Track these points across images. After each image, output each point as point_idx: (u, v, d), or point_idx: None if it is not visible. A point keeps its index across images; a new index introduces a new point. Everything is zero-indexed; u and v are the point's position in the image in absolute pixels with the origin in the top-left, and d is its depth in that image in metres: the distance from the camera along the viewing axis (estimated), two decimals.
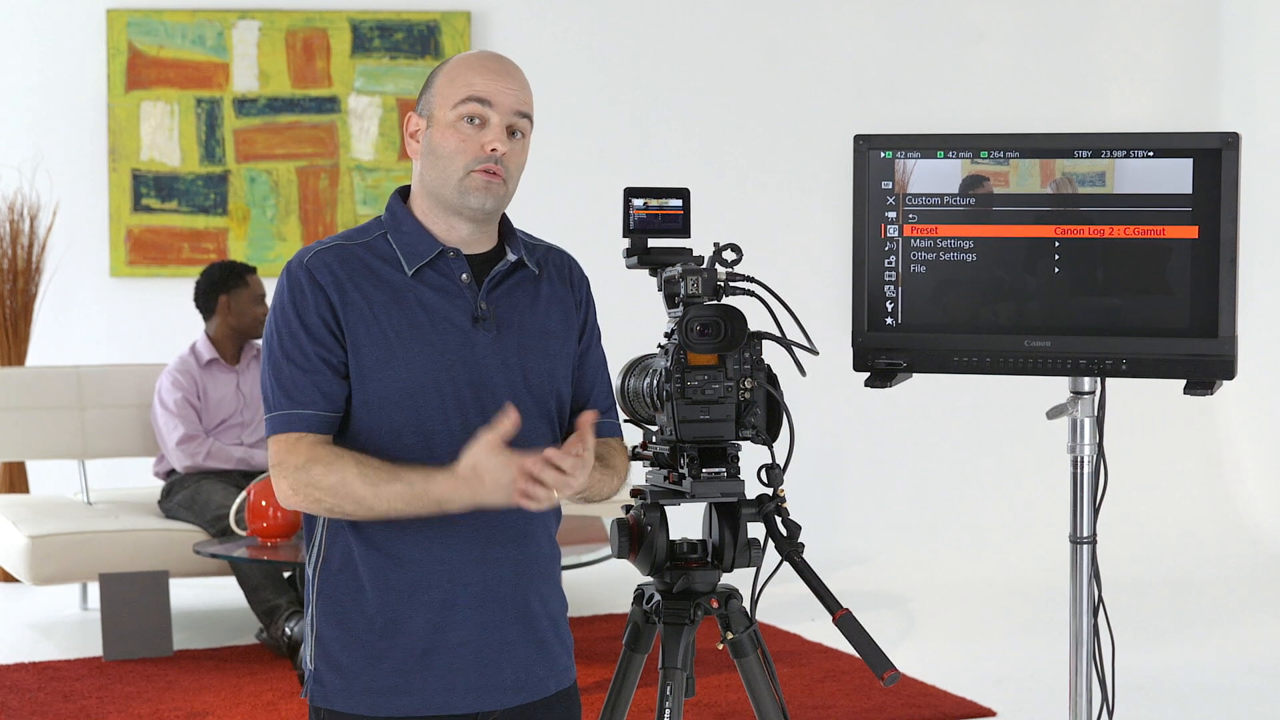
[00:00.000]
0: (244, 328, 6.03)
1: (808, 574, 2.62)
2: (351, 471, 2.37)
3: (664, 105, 7.72)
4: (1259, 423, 7.62)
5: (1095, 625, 2.97)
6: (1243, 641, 5.72)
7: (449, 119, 2.44)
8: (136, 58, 7.44)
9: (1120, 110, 7.78)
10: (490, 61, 2.47)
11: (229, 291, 6.01)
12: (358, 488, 2.36)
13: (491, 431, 2.32)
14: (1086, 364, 2.89)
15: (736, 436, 2.67)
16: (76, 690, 5.02)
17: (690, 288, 2.65)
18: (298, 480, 2.40)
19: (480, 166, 2.43)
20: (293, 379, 2.42)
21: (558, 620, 2.56)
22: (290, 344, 2.43)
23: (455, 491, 2.34)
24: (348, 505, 2.38)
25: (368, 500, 2.37)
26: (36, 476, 6.99)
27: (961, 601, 6.38)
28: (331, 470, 2.38)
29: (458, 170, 2.44)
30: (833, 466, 7.60)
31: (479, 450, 2.32)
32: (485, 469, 2.31)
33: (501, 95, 2.44)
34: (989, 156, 2.92)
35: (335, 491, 2.38)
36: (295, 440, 2.42)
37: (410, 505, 2.36)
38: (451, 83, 2.46)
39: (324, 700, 2.49)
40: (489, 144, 2.43)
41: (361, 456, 2.40)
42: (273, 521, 5.25)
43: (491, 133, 2.44)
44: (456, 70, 2.47)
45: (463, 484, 2.33)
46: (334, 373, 2.43)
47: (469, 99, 2.43)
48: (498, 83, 2.44)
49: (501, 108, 2.44)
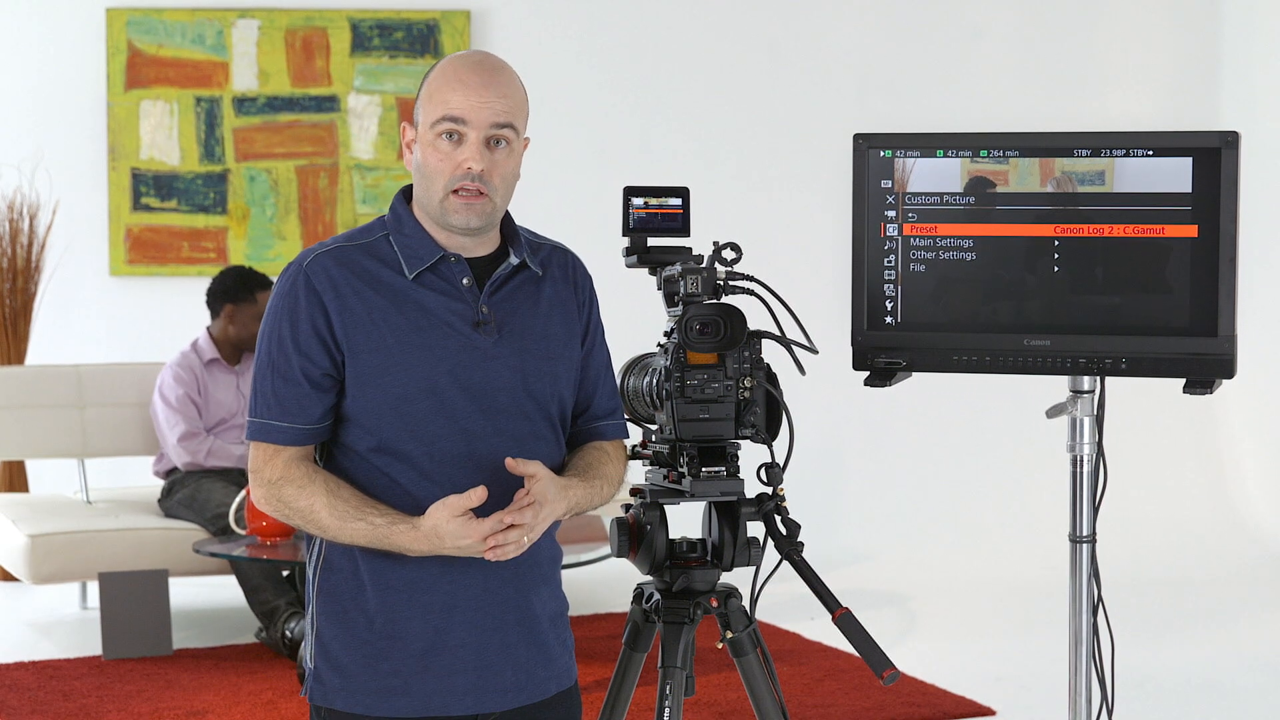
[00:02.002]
0: (241, 341, 6.03)
1: (807, 573, 2.62)
2: (320, 500, 2.41)
3: (664, 104, 7.72)
4: (1258, 422, 7.62)
5: (1095, 624, 2.97)
6: (1242, 640, 5.72)
7: (429, 137, 2.43)
8: (136, 56, 7.44)
9: (1120, 109, 7.78)
10: (469, 74, 2.43)
11: (236, 303, 6.01)
12: (324, 518, 2.41)
13: (459, 499, 2.34)
14: (1086, 363, 2.89)
15: (736, 435, 2.67)
16: (76, 689, 5.02)
17: (690, 287, 2.65)
18: (269, 494, 2.45)
19: (458, 186, 2.42)
20: (274, 389, 2.44)
21: (558, 621, 2.56)
22: (278, 353, 2.44)
23: (415, 544, 2.38)
24: (311, 529, 2.44)
25: (331, 531, 2.42)
26: (36, 475, 6.99)
27: (961, 600, 6.38)
28: (302, 494, 2.42)
29: (439, 190, 2.43)
30: (832, 465, 7.60)
31: (441, 514, 2.35)
32: (445, 532, 2.35)
33: (476, 111, 2.40)
34: (989, 155, 2.92)
35: (303, 515, 2.43)
36: (272, 453, 2.45)
37: (371, 543, 2.41)
38: (430, 99, 2.44)
39: (324, 699, 2.49)
40: (465, 162, 2.41)
41: (333, 484, 2.42)
42: (272, 520, 5.25)
43: (467, 150, 2.41)
44: (435, 85, 2.44)
45: (422, 539, 2.37)
46: (314, 387, 2.43)
47: (444, 118, 2.41)
48: (473, 97, 2.41)
49: (477, 123, 2.41)
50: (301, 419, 2.43)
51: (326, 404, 2.44)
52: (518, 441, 2.45)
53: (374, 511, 2.39)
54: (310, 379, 2.43)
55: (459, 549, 2.37)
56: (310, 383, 2.43)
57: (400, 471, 2.43)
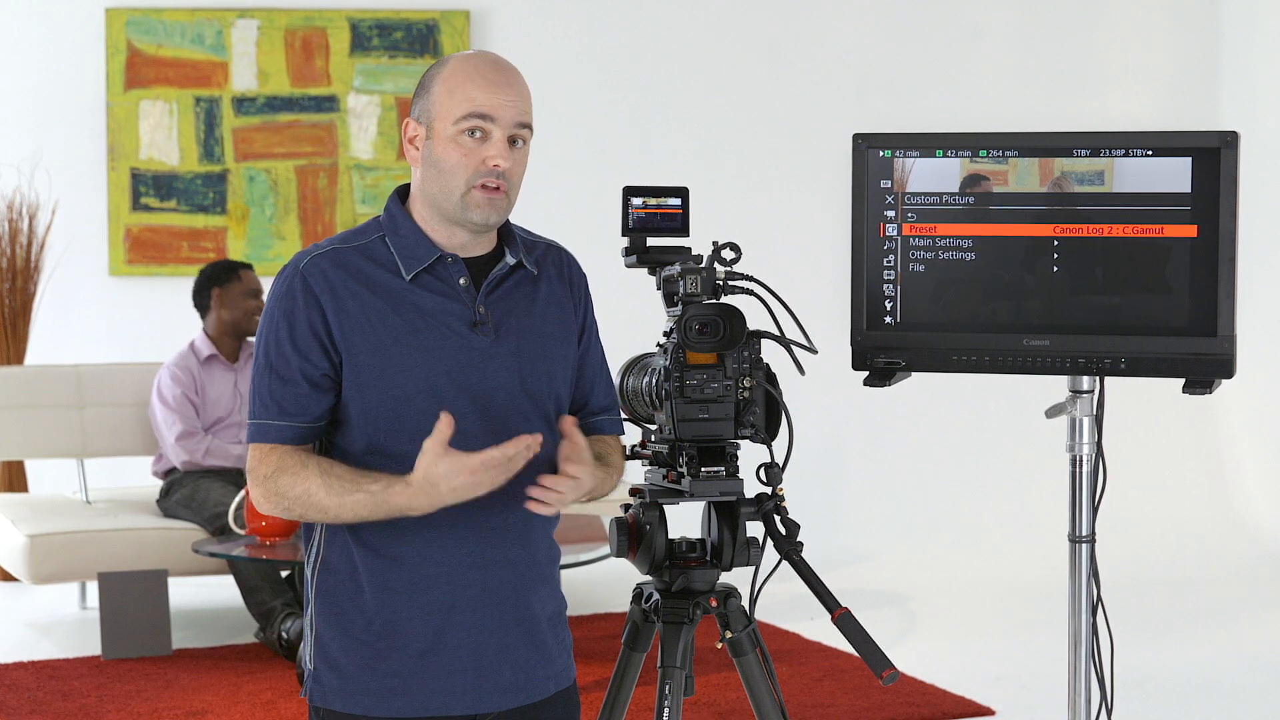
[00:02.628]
0: (236, 321, 6.03)
1: (806, 573, 2.62)
2: (316, 482, 2.40)
3: (663, 104, 7.72)
4: (1258, 422, 7.62)
5: (1094, 624, 2.97)
6: (1242, 640, 5.72)
7: (450, 133, 2.42)
8: (135, 56, 7.44)
9: (1119, 109, 7.78)
10: (490, 71, 2.44)
11: (222, 285, 6.03)
12: (321, 497, 2.39)
13: (431, 439, 2.33)
14: (1085, 363, 2.89)
15: (735, 435, 2.67)
16: (75, 689, 5.02)
17: (689, 286, 2.65)
18: (266, 489, 2.44)
19: (481, 181, 2.42)
20: (273, 390, 2.44)
21: (556, 621, 2.56)
22: (275, 353, 2.44)
23: (413, 500, 2.36)
24: (313, 514, 2.41)
25: (332, 510, 2.40)
26: (35, 475, 6.99)
27: (961, 600, 6.38)
28: (297, 480, 2.41)
29: (459, 185, 2.43)
30: (832, 465, 7.60)
31: (426, 459, 2.33)
32: (437, 476, 2.33)
33: (503, 109, 2.42)
34: (988, 155, 2.92)
35: (301, 501, 2.41)
36: (268, 451, 2.44)
37: (374, 513, 2.39)
38: (451, 95, 2.43)
39: (322, 700, 2.49)
40: (491, 159, 2.41)
41: (327, 465, 2.42)
42: (271, 520, 5.25)
43: (494, 147, 2.42)
44: (455, 80, 2.43)
45: (419, 492, 2.35)
46: (314, 387, 2.43)
47: (471, 114, 2.41)
48: (499, 95, 2.42)
49: (503, 121, 2.42)
50: (300, 418, 2.44)
51: (326, 404, 2.44)
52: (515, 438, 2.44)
53: (369, 480, 2.38)
54: (309, 379, 2.43)
55: (455, 491, 2.33)
56: (310, 383, 2.43)
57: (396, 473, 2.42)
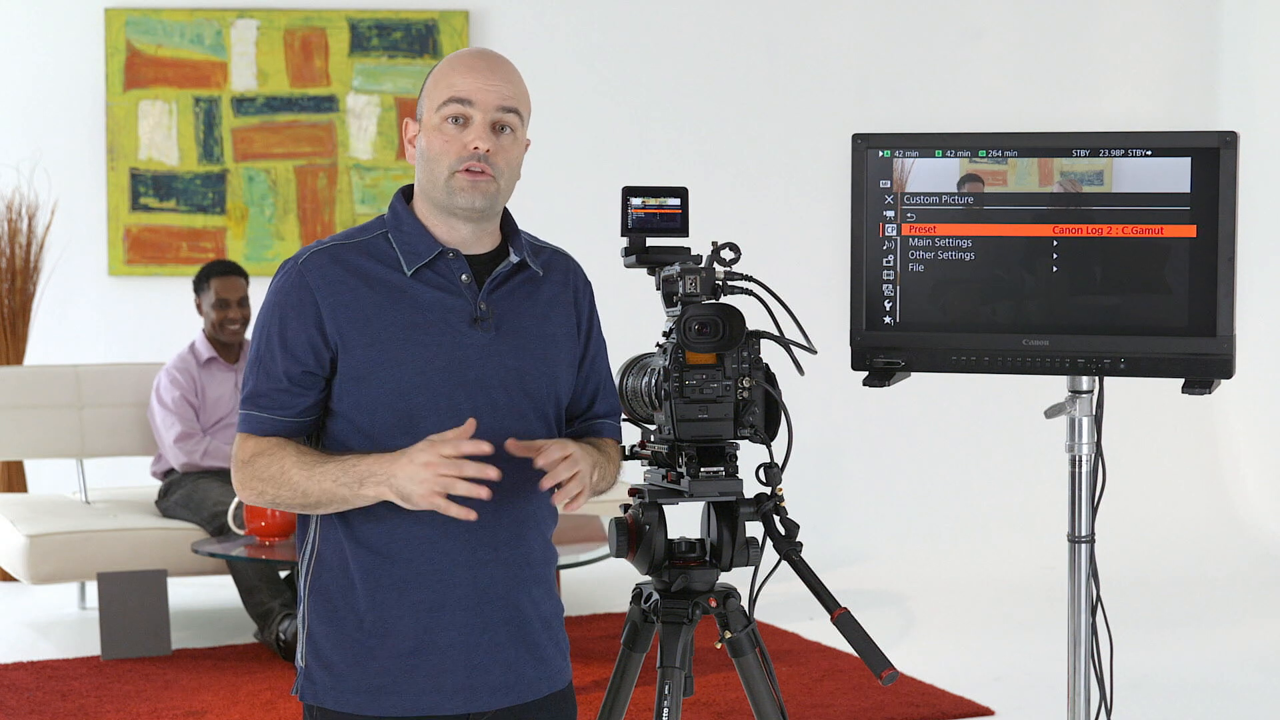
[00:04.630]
0: (211, 326, 6.03)
1: (806, 573, 2.62)
2: (291, 459, 2.40)
3: (663, 104, 7.72)
4: (1257, 422, 7.62)
5: (1093, 624, 2.97)
6: (1241, 640, 5.72)
7: (434, 121, 2.45)
8: (135, 57, 7.44)
9: (1119, 109, 7.78)
10: (473, 60, 2.46)
11: (199, 292, 6.07)
12: (295, 474, 2.39)
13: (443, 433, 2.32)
14: (1085, 363, 2.89)
15: (735, 435, 2.67)
16: (75, 689, 5.02)
17: (688, 287, 2.65)
18: (245, 475, 2.44)
19: (463, 166, 2.43)
20: (258, 383, 2.46)
21: (551, 622, 2.56)
22: (264, 348, 2.46)
23: (376, 465, 2.33)
24: (286, 492, 2.40)
25: (303, 484, 2.38)
26: (35, 475, 6.99)
27: (960, 600, 6.38)
28: (273, 460, 2.41)
29: (443, 171, 2.44)
30: (831, 465, 7.60)
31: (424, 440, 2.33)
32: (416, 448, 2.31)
33: (483, 93, 2.43)
34: (987, 155, 2.92)
35: (275, 480, 2.41)
36: (250, 439, 2.46)
37: (340, 481, 2.36)
38: (436, 85, 2.46)
39: (314, 698, 2.49)
40: (471, 142, 2.42)
41: (305, 448, 2.43)
42: (270, 520, 5.26)
43: (474, 131, 2.43)
44: (441, 72, 2.47)
45: (391, 460, 2.33)
46: (295, 384, 2.44)
47: (450, 99, 2.43)
48: (479, 80, 2.43)
49: (484, 105, 2.43)
50: (282, 412, 2.45)
51: (308, 401, 2.45)
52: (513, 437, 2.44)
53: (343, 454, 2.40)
54: (290, 377, 2.44)
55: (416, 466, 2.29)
56: (290, 380, 2.44)
57: None
